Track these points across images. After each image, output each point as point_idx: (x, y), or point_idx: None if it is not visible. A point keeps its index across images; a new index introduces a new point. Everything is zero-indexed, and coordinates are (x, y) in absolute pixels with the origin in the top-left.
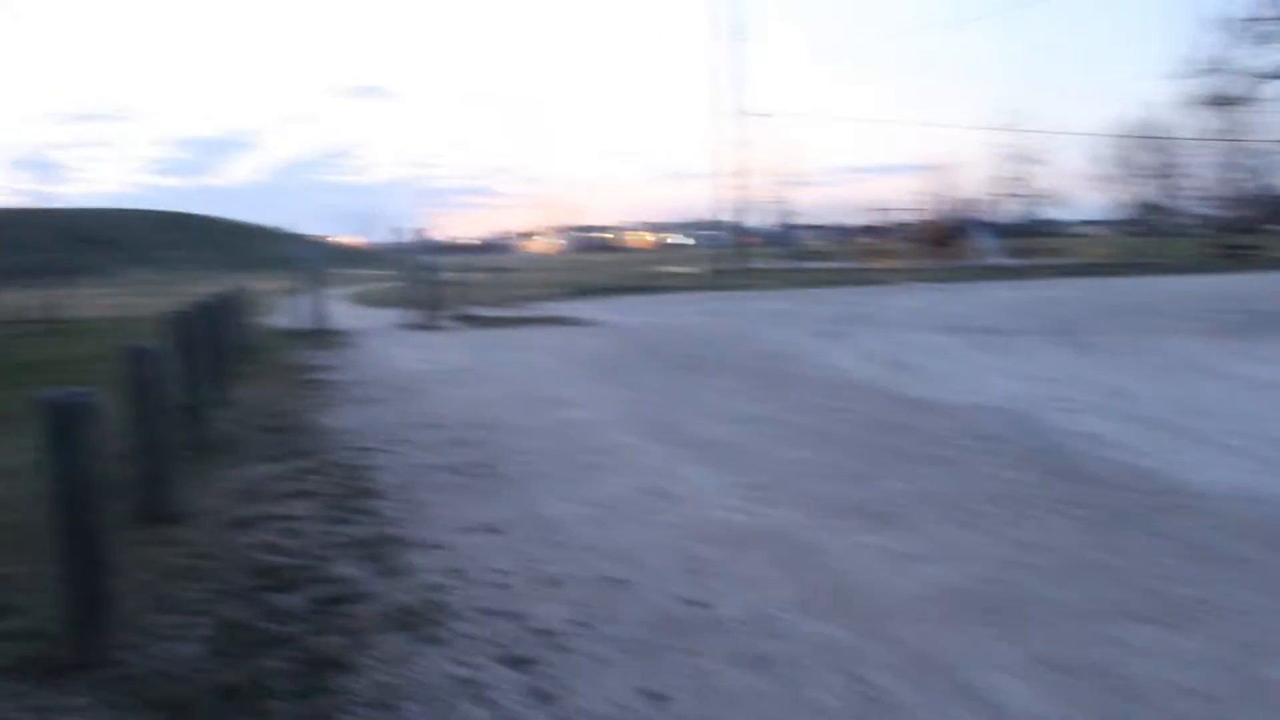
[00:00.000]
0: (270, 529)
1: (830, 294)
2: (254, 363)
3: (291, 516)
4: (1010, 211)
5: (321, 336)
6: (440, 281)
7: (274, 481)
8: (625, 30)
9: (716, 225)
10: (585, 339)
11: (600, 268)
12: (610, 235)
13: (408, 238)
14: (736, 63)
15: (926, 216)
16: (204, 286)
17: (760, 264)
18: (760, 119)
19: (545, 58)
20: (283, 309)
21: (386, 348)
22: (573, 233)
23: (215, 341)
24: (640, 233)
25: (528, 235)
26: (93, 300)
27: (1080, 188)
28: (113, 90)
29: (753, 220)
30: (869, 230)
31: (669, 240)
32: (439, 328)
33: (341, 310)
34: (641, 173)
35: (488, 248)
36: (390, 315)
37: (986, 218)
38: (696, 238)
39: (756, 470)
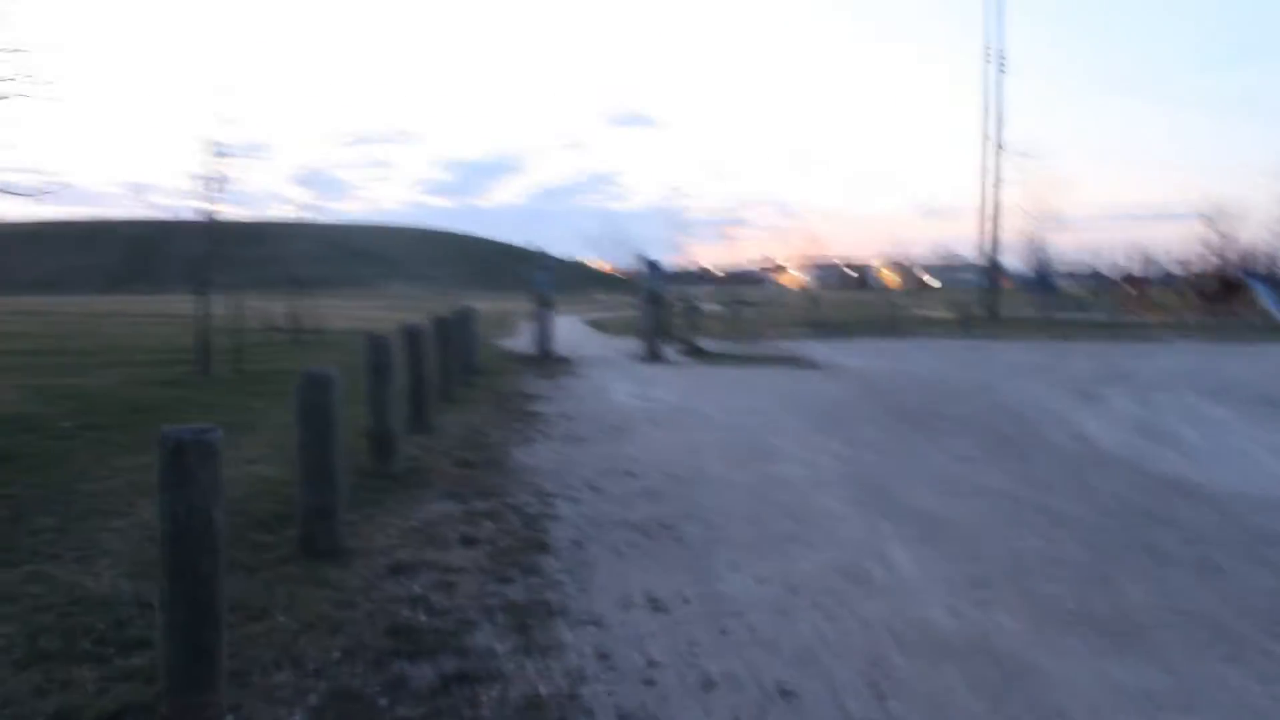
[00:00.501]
0: (425, 579)
1: (1087, 348)
2: (471, 385)
3: (451, 568)
4: None
5: (546, 363)
6: (677, 311)
7: (446, 523)
8: (884, 62)
9: (967, 266)
10: (815, 383)
11: (845, 306)
12: (857, 271)
13: (652, 265)
14: (999, 95)
15: (1201, 267)
16: (452, 303)
17: (1014, 311)
18: (1022, 155)
19: (805, 91)
20: (520, 331)
21: (606, 380)
22: (820, 267)
23: (441, 360)
24: (889, 270)
25: (776, 268)
26: (346, 311)
27: None
28: (394, 114)
29: (1008, 263)
30: (1132, 280)
31: (923, 278)
32: (665, 360)
33: (577, 335)
34: (894, 209)
35: (735, 279)
36: (621, 344)
37: (1270, 272)
38: (945, 279)
39: (974, 558)
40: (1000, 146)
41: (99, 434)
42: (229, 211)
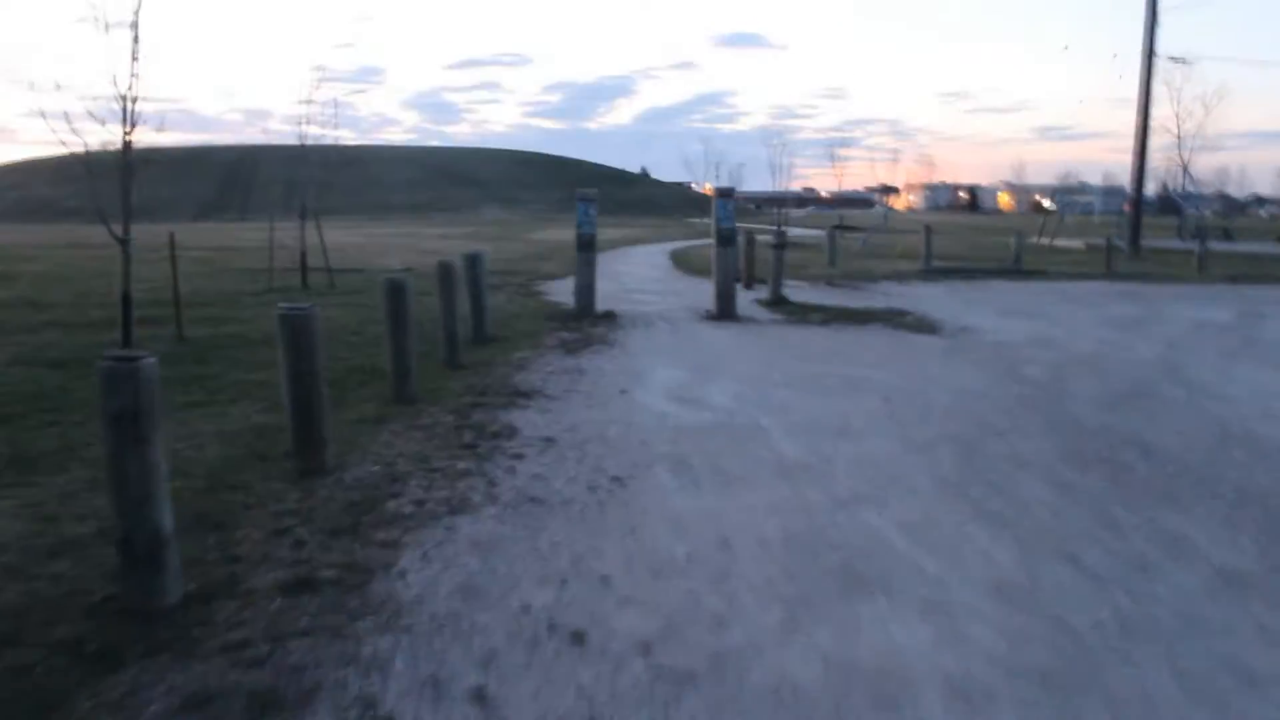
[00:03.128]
0: None
1: (1276, 294)
2: (458, 369)
3: None
4: None
5: (582, 324)
6: (764, 243)
7: None
8: None
9: (1084, 189)
10: (935, 365)
11: (960, 233)
12: (969, 194)
13: (723, 194)
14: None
15: None
16: (539, 233)
17: (1152, 241)
18: (1176, 61)
19: (928, 5)
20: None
21: (646, 360)
22: (931, 189)
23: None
24: (1004, 193)
25: (885, 190)
26: (412, 242)
27: None
28: (505, 36)
29: (1148, 189)
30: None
31: (1041, 202)
32: (739, 319)
33: (648, 274)
34: (1010, 129)
35: (843, 201)
36: (693, 289)
37: None
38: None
39: None
40: (1153, 53)
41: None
42: (330, 135)
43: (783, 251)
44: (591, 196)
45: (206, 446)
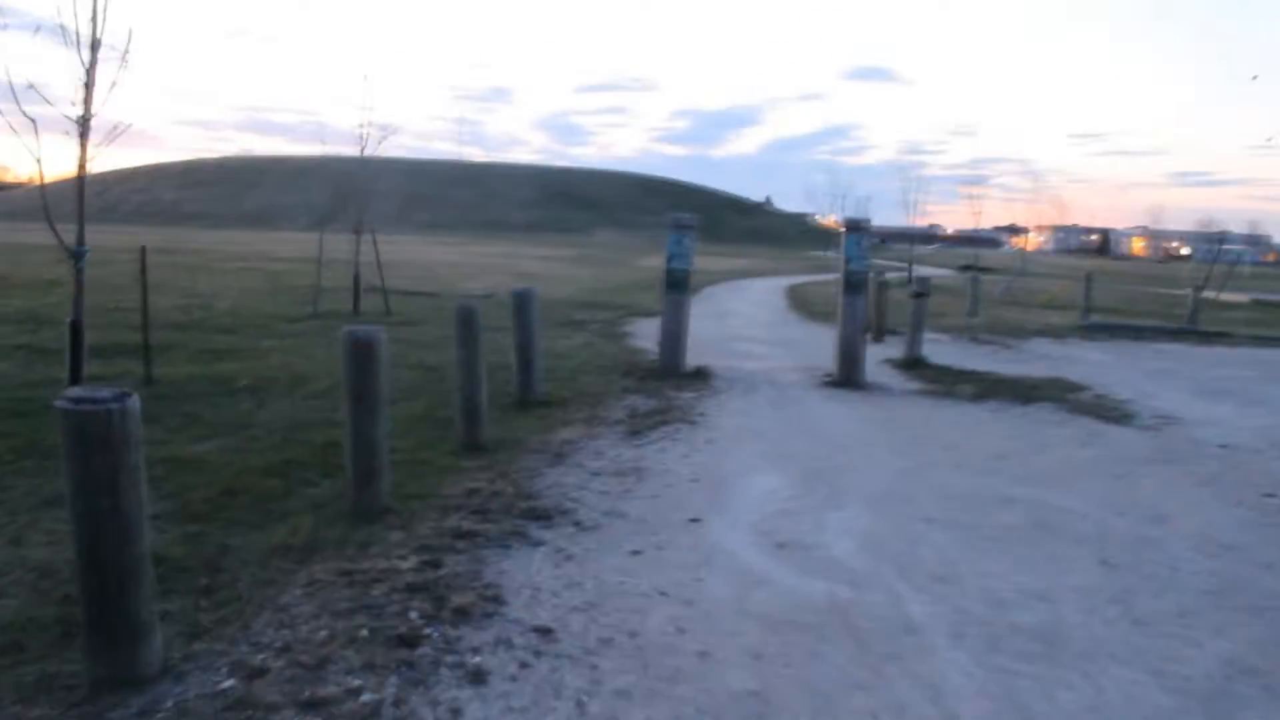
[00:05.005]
0: None
1: None
2: (477, 452)
3: None
4: None
5: (663, 388)
6: (892, 283)
7: None
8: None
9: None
10: (1151, 484)
11: (1103, 281)
12: (1100, 237)
13: (853, 227)
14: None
15: None
16: (648, 260)
17: None
18: None
19: (1058, 42)
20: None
21: (740, 450)
22: (1059, 231)
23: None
24: (1137, 238)
25: (1012, 230)
26: (502, 262)
27: None
28: (636, 62)
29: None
30: None
31: (1176, 249)
32: (866, 386)
33: (760, 315)
34: (1143, 173)
35: (968, 239)
36: (811, 339)
37: None
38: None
39: None
40: None
41: None
42: (456, 151)
43: (925, 301)
44: (689, 224)
45: None
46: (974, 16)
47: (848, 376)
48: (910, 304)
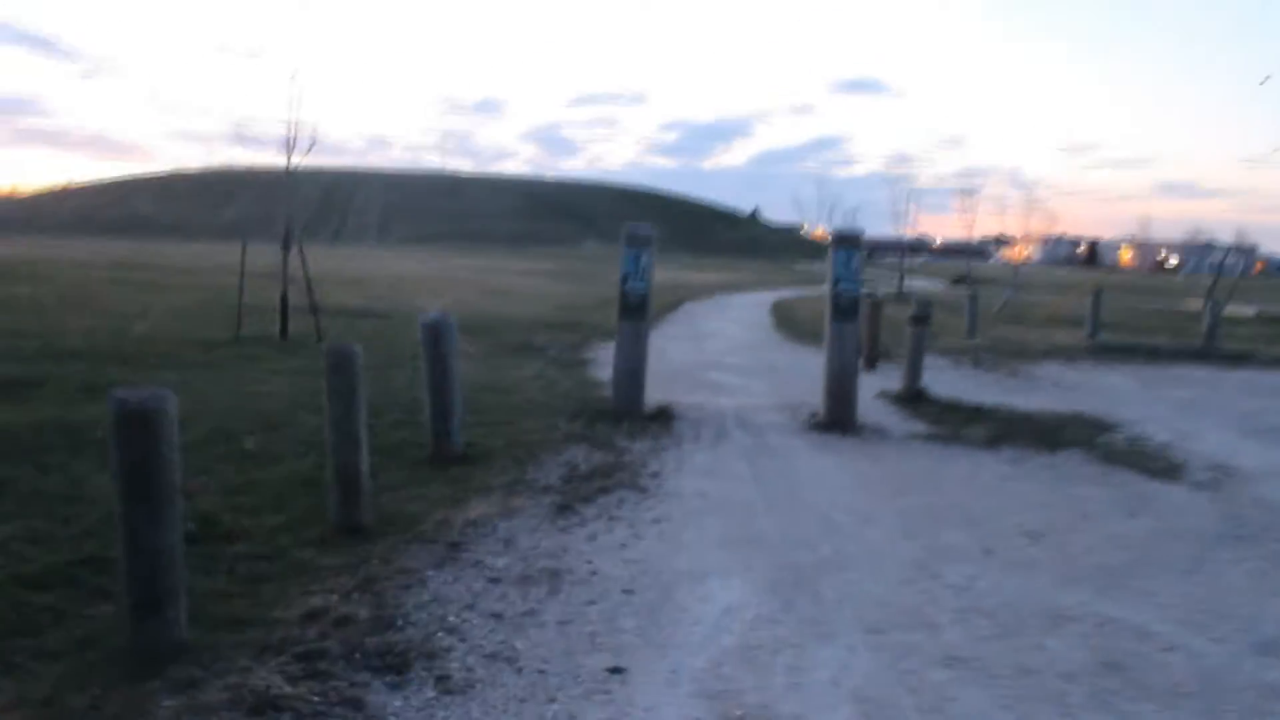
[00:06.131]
0: None
1: None
2: (344, 537)
3: None
4: None
5: (619, 432)
6: (885, 299)
7: None
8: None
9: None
10: (1234, 577)
11: (1098, 290)
12: (1088, 247)
13: (842, 241)
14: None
15: None
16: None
17: None
18: None
19: (1045, 56)
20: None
21: (698, 533)
22: (1047, 241)
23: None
24: (1125, 249)
25: (1000, 240)
26: (475, 278)
27: None
28: (625, 74)
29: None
30: None
31: (1165, 259)
32: (858, 431)
33: (741, 337)
34: (1131, 184)
35: (955, 250)
36: (796, 364)
37: None
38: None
39: None
40: None
41: None
42: (441, 163)
43: (925, 327)
44: (647, 236)
45: None
46: (963, 29)
47: (838, 418)
48: (908, 330)
